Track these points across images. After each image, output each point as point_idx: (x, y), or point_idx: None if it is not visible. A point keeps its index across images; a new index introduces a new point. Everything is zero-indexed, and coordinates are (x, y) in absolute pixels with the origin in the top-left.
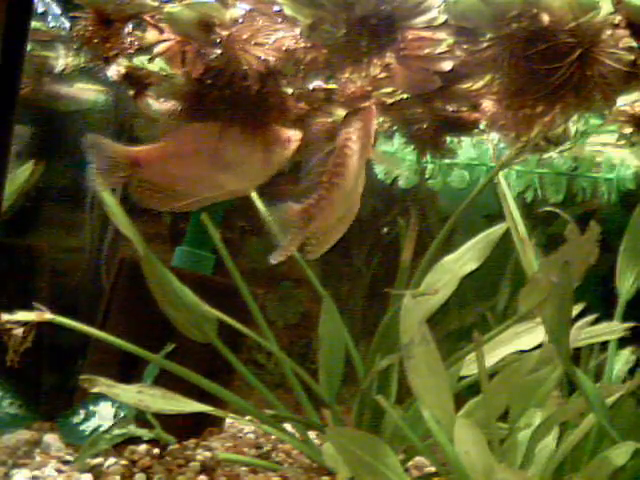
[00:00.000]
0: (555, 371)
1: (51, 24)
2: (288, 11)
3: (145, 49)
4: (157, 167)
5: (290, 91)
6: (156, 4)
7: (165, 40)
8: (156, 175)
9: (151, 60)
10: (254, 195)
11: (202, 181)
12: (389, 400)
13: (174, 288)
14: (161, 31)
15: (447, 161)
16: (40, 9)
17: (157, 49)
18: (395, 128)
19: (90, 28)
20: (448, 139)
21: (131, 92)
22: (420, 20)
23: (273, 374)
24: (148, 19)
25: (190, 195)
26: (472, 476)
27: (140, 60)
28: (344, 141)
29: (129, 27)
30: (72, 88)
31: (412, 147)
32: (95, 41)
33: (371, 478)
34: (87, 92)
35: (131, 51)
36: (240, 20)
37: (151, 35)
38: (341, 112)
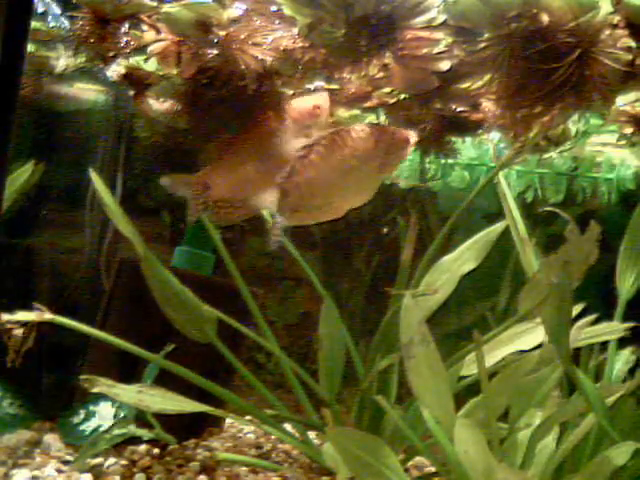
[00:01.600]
0: (555, 371)
1: (51, 24)
2: (287, 11)
3: (142, 49)
4: (224, 184)
5: (291, 92)
6: (154, 4)
7: (161, 40)
8: (225, 191)
9: (147, 60)
10: None
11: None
12: (389, 400)
13: (174, 288)
14: (158, 31)
15: (448, 161)
16: (40, 9)
17: (152, 48)
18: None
19: (87, 27)
20: (453, 139)
21: (131, 92)
22: (419, 20)
23: (273, 374)
24: (145, 19)
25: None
26: (472, 476)
27: (137, 60)
28: (344, 130)
29: (125, 27)
30: (72, 88)
31: (415, 147)
32: (91, 40)
33: (371, 478)
34: (87, 92)
35: (127, 51)
36: (238, 20)
37: (148, 35)
38: (342, 112)
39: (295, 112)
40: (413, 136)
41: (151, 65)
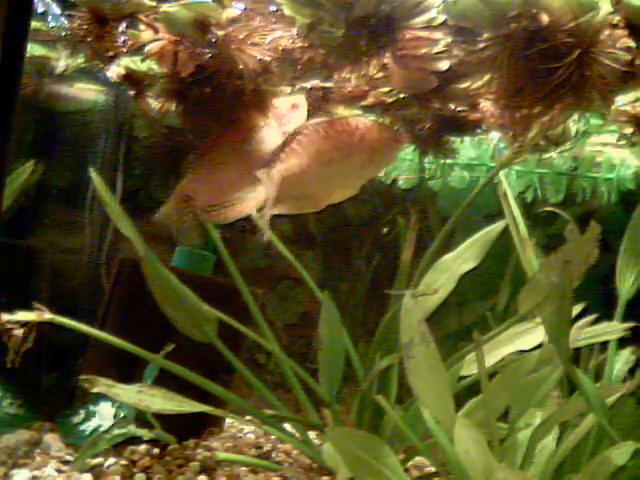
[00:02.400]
0: (555, 371)
1: (51, 24)
2: (287, 11)
3: (139, 48)
4: (205, 189)
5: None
6: (153, 4)
7: (158, 39)
8: (209, 196)
9: (144, 60)
10: None
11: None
12: (389, 400)
13: (174, 288)
14: (156, 31)
15: (447, 161)
16: (40, 9)
17: (149, 48)
18: (397, 128)
19: (85, 27)
20: (451, 139)
21: (132, 92)
22: (419, 20)
23: (273, 374)
24: (143, 19)
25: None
26: (472, 476)
27: (133, 60)
28: (327, 121)
29: (123, 26)
30: (72, 88)
31: (414, 147)
32: (89, 40)
33: (371, 478)
34: (87, 92)
35: (124, 50)
36: (236, 20)
37: (146, 35)
38: (340, 111)
39: (274, 111)
40: (404, 138)
41: (146, 65)
